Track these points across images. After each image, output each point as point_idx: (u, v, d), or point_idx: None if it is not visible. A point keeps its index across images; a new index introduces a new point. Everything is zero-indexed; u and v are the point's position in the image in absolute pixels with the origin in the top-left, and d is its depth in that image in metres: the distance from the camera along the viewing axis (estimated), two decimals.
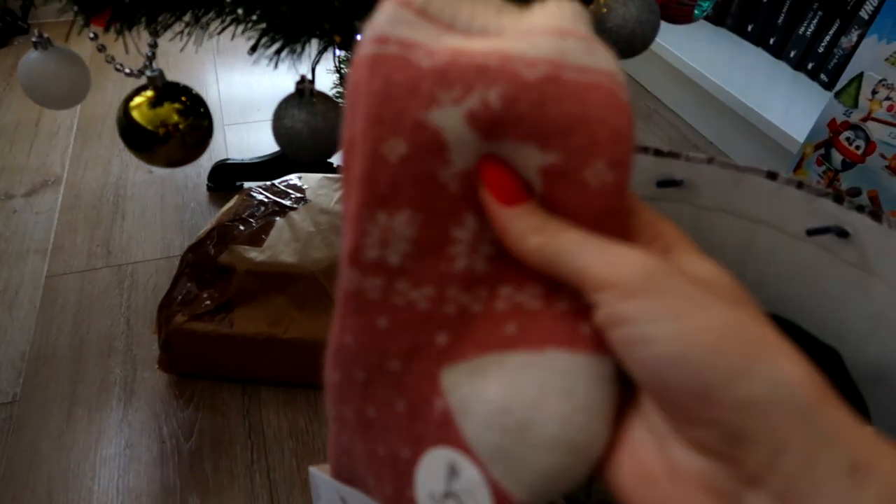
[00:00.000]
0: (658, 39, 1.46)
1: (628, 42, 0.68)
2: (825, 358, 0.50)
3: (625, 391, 0.22)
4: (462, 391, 0.23)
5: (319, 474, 0.28)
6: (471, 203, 0.22)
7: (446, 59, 0.21)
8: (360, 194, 0.21)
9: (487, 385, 0.22)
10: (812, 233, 0.52)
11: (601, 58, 0.22)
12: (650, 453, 0.20)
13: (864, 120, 0.92)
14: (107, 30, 0.63)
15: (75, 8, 0.63)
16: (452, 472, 0.23)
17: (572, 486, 0.22)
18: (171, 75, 0.69)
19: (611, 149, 0.21)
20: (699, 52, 1.45)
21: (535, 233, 0.21)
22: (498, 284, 0.23)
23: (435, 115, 0.21)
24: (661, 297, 0.19)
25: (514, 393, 0.22)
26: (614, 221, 0.22)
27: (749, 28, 1.46)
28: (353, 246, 0.22)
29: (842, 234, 0.51)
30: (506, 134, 0.21)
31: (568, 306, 0.22)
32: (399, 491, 0.25)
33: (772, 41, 1.40)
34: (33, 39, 0.70)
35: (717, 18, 1.55)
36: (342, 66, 1.12)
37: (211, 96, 1.56)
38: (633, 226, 0.23)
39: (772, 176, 0.53)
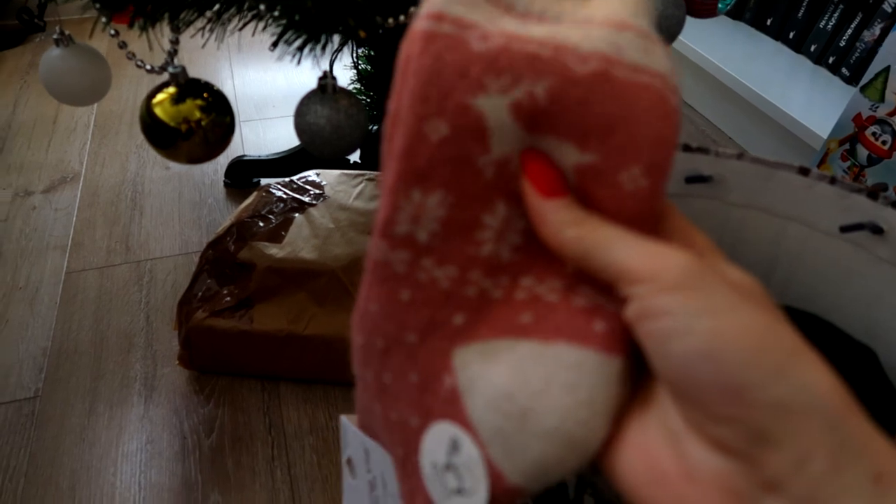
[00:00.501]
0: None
1: None
2: (860, 356, 0.49)
3: (635, 390, 0.23)
4: (471, 371, 0.23)
5: (349, 423, 0.30)
6: (504, 192, 0.23)
7: (499, 45, 0.21)
8: (398, 168, 0.22)
9: (496, 368, 0.23)
10: (846, 229, 0.51)
11: (656, 57, 0.21)
12: (664, 452, 0.20)
13: (891, 114, 0.91)
14: (130, 26, 0.63)
15: (98, 5, 0.63)
16: (454, 446, 0.24)
17: (564, 477, 0.23)
18: (188, 72, 0.69)
19: (650, 153, 0.21)
20: (717, 46, 1.44)
21: (573, 225, 0.22)
22: (520, 274, 0.24)
23: (480, 100, 0.21)
24: (700, 293, 0.19)
25: (520, 380, 0.22)
26: (645, 226, 0.22)
27: (768, 22, 1.45)
28: (386, 218, 0.22)
29: (876, 230, 0.50)
30: (547, 128, 0.22)
31: (585, 303, 0.23)
32: (407, 455, 0.26)
33: (791, 35, 1.39)
34: (54, 36, 0.70)
35: (735, 12, 1.53)
36: (359, 62, 1.11)
37: (227, 93, 1.56)
38: (665, 231, 0.23)
39: (804, 172, 0.52)
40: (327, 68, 0.68)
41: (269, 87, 1.59)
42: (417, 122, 0.21)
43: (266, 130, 1.43)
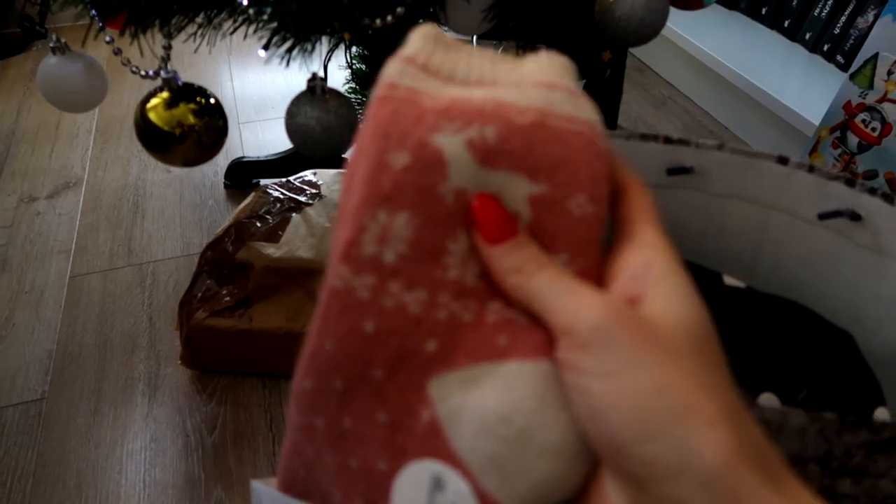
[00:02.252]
0: (670, 25, 1.45)
1: (637, 30, 0.68)
2: (838, 341, 0.50)
3: None
4: (453, 401, 0.23)
5: (263, 488, 0.26)
6: (463, 222, 0.23)
7: (448, 102, 0.23)
8: (363, 192, 0.22)
9: (483, 394, 0.23)
10: (824, 217, 0.52)
11: (584, 110, 0.24)
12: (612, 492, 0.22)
13: (880, 101, 0.91)
14: (122, 33, 0.64)
15: (92, 12, 0.64)
16: (437, 485, 0.22)
17: (563, 498, 0.22)
18: (186, 76, 0.70)
19: (590, 187, 0.23)
20: (713, 36, 1.44)
21: (513, 273, 0.23)
22: (487, 299, 0.24)
23: (438, 137, 0.22)
24: (602, 353, 0.21)
25: (512, 401, 0.22)
26: (593, 246, 0.24)
27: (763, 11, 1.45)
28: (350, 240, 0.22)
29: (854, 217, 0.50)
30: (499, 163, 0.23)
31: None
32: None
33: (786, 23, 1.39)
34: (51, 44, 0.72)
35: (730, 2, 1.54)
36: (354, 62, 1.13)
37: (226, 95, 1.58)
38: (625, 234, 0.25)
39: (782, 161, 0.53)
40: (321, 69, 0.69)
41: (267, 88, 1.60)
42: (380, 154, 0.22)
43: (265, 132, 1.44)
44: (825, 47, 1.30)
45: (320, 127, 0.66)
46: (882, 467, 0.36)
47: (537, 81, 0.24)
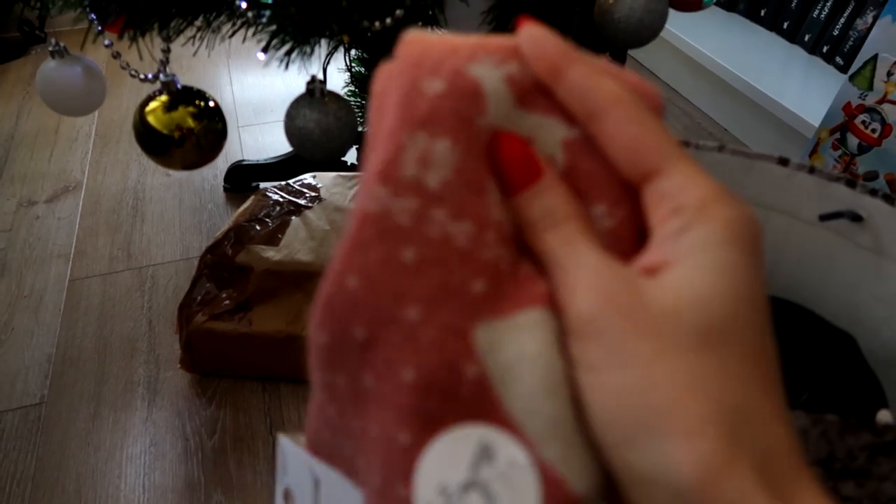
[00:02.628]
0: (670, 27, 1.45)
1: (636, 32, 0.68)
2: (840, 343, 0.50)
3: None
4: (506, 353, 0.19)
5: (291, 445, 0.24)
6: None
7: (481, 40, 0.21)
8: (399, 113, 0.20)
9: (544, 345, 0.19)
10: (825, 218, 0.52)
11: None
12: None
13: (880, 102, 0.91)
14: (121, 37, 0.64)
15: (91, 16, 0.64)
16: (485, 454, 0.19)
17: None
18: (186, 79, 0.70)
19: None
20: (712, 38, 1.44)
21: (532, 224, 0.21)
22: (521, 251, 0.21)
23: (475, 68, 0.20)
24: (588, 344, 0.19)
25: None
26: (635, 195, 0.21)
27: (762, 13, 1.45)
28: (389, 159, 0.20)
29: (855, 218, 0.50)
30: (536, 104, 0.21)
31: None
32: (388, 483, 0.20)
33: (785, 25, 1.39)
34: (50, 49, 0.72)
35: (728, 4, 1.54)
36: (353, 65, 1.12)
37: (225, 98, 1.58)
38: (667, 176, 0.21)
39: (783, 162, 0.53)
40: (320, 72, 0.69)
41: (267, 91, 1.60)
42: (413, 80, 0.20)
43: (264, 135, 1.44)
44: (824, 49, 1.30)
45: (319, 130, 0.66)
46: (885, 470, 0.35)
47: None
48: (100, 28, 0.66)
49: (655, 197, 0.20)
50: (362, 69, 1.13)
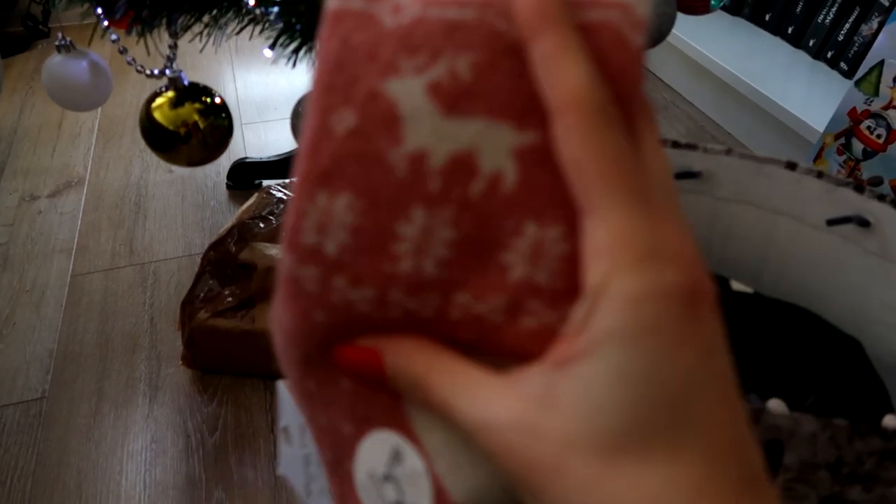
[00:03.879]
0: (674, 30, 1.45)
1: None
2: (846, 348, 0.50)
3: None
4: None
5: (286, 393, 0.26)
6: (421, 194, 0.19)
7: (414, 16, 0.18)
8: (303, 168, 0.19)
9: None
10: (832, 223, 0.52)
11: None
12: None
13: (886, 108, 0.91)
14: (128, 32, 0.64)
15: (98, 11, 0.64)
16: (396, 457, 0.21)
17: (513, 500, 0.21)
18: (189, 76, 0.70)
19: None
20: (716, 42, 1.44)
21: (413, 393, 0.20)
22: (452, 291, 0.19)
23: (392, 85, 0.18)
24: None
25: None
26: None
27: (767, 17, 1.45)
28: (292, 226, 0.19)
29: (863, 223, 0.50)
30: (475, 108, 0.18)
31: (534, 323, 0.19)
32: (338, 460, 0.23)
33: (790, 30, 1.39)
34: (56, 43, 0.72)
35: (733, 8, 1.54)
36: None
37: (228, 96, 1.57)
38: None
39: (791, 166, 0.53)
40: None
41: (270, 89, 1.60)
42: (322, 115, 0.19)
43: (268, 132, 1.44)
44: (829, 54, 1.30)
45: None
46: (893, 475, 0.35)
47: None
48: (106, 23, 0.66)
49: (583, 247, 0.17)
50: None
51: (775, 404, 0.38)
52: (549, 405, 0.17)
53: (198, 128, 0.68)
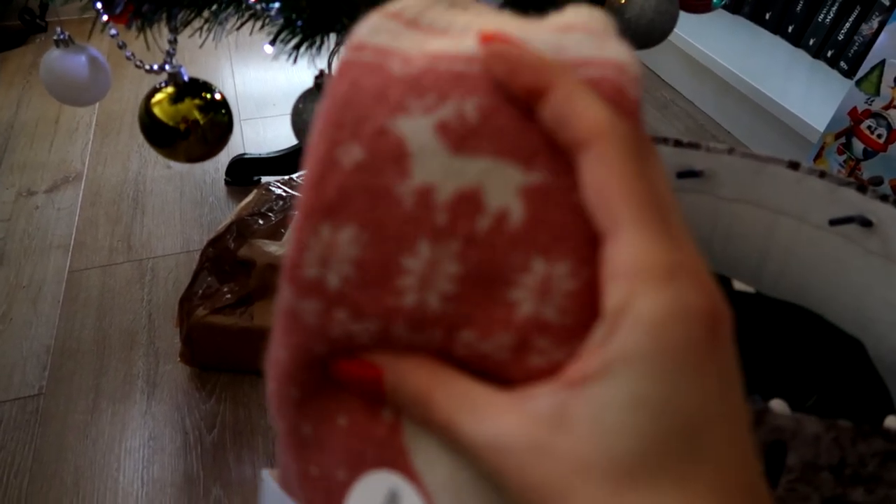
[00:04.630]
0: (675, 28, 1.45)
1: (647, 33, 0.68)
2: (848, 348, 0.50)
3: None
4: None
5: (270, 479, 0.25)
6: (427, 229, 0.19)
7: (423, 66, 0.19)
8: (307, 200, 0.19)
9: None
10: (835, 223, 0.52)
11: (611, 48, 0.19)
12: None
13: (886, 108, 0.91)
14: (128, 27, 0.64)
15: (97, 5, 0.64)
16: (391, 499, 0.20)
17: None
18: (187, 71, 0.70)
19: None
20: (716, 40, 1.44)
21: (416, 412, 0.19)
22: (456, 328, 0.19)
23: (401, 122, 0.19)
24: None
25: None
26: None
27: (767, 16, 1.45)
28: (293, 259, 0.19)
29: (865, 223, 0.50)
30: (482, 148, 0.19)
31: (545, 362, 0.19)
32: None
33: (790, 29, 1.39)
34: (55, 38, 0.71)
35: (734, 6, 1.54)
36: None
37: (227, 92, 1.57)
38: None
39: (793, 166, 0.53)
40: (325, 66, 0.69)
41: (269, 85, 1.59)
42: (329, 148, 0.19)
43: (266, 129, 1.44)
44: (829, 53, 1.30)
45: None
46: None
47: (550, 26, 0.20)
48: (105, 17, 0.66)
49: (601, 270, 0.17)
50: None
51: (777, 405, 0.38)
52: (561, 426, 0.16)
53: (197, 124, 0.68)
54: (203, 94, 0.69)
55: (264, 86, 1.59)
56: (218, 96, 0.71)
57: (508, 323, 0.19)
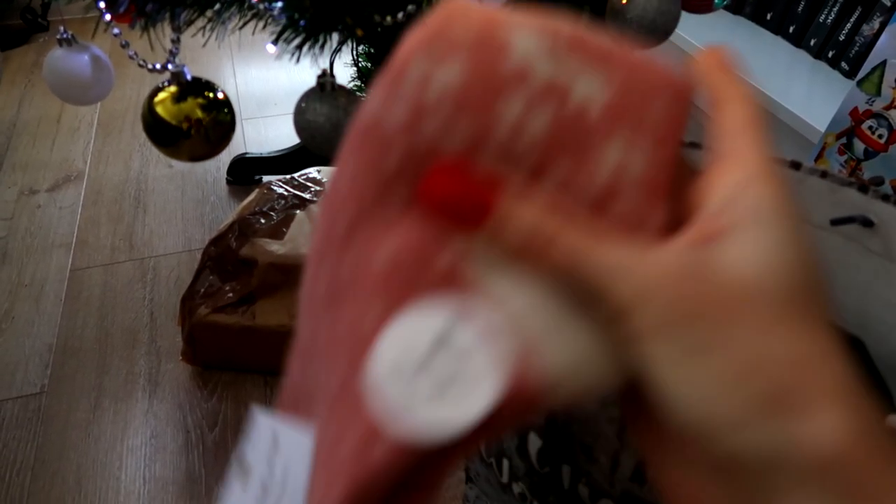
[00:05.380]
0: (676, 28, 1.45)
1: (649, 32, 0.68)
2: (849, 348, 0.50)
3: None
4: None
5: (259, 413, 0.25)
6: (521, 89, 0.20)
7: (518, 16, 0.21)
8: (416, 35, 0.20)
9: None
10: (836, 222, 0.52)
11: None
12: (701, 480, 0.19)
13: (887, 108, 0.91)
14: (131, 26, 0.64)
15: (101, 5, 0.64)
16: (441, 341, 0.19)
17: (600, 388, 0.19)
18: (189, 70, 0.70)
19: (666, 117, 0.21)
20: (717, 40, 1.44)
21: (525, 249, 0.19)
22: (540, 172, 0.20)
23: (506, 31, 0.20)
24: (673, 336, 0.17)
25: None
26: (675, 148, 0.21)
27: (768, 16, 1.45)
28: (395, 71, 0.20)
29: (867, 223, 0.50)
30: (572, 52, 0.20)
31: (629, 208, 0.20)
32: (345, 381, 0.20)
33: (791, 29, 1.39)
34: (58, 37, 0.71)
35: (735, 7, 1.54)
36: (360, 59, 1.12)
37: (228, 91, 1.57)
38: (715, 144, 0.21)
39: (795, 166, 0.53)
40: (327, 66, 0.69)
41: (270, 84, 1.60)
42: (447, 21, 0.20)
43: (268, 128, 1.44)
44: (830, 54, 1.30)
45: (329, 124, 0.65)
46: None
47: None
48: (107, 16, 0.66)
49: (718, 127, 0.21)
50: (368, 64, 1.13)
51: None
52: (707, 268, 0.17)
53: (200, 123, 0.68)
54: (206, 94, 0.69)
55: (266, 85, 1.59)
56: (220, 95, 0.71)
57: (595, 170, 0.20)
